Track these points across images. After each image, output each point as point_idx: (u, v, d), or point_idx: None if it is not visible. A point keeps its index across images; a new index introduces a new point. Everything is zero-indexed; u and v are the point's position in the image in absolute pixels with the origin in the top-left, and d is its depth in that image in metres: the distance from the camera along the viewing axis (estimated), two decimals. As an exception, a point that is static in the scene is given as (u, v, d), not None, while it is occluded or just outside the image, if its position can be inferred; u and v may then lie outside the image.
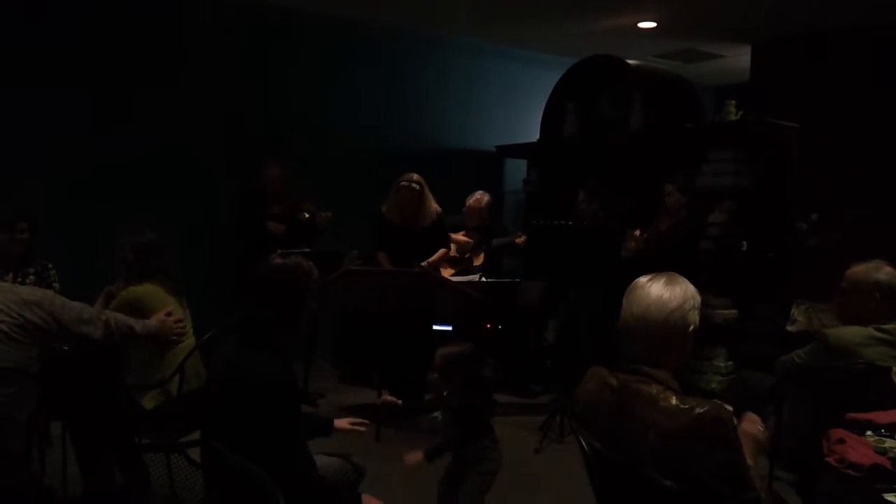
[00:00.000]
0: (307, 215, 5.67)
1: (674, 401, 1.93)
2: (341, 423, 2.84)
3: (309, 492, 2.36)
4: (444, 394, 3.18)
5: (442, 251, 5.45)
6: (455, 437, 3.10)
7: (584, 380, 2.17)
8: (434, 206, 5.35)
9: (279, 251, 2.75)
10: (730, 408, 1.98)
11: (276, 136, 6.42)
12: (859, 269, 3.17)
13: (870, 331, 3.02)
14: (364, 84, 6.97)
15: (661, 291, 2.03)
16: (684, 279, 2.08)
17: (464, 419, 3.09)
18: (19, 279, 4.07)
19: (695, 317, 2.04)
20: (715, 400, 2.07)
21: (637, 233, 5.28)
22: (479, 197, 5.95)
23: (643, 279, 2.09)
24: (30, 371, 2.96)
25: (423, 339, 5.21)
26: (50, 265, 4.20)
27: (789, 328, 4.34)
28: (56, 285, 4.18)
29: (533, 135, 7.27)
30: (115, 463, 3.43)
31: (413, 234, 5.27)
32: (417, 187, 5.22)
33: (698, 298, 2.06)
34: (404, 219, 5.28)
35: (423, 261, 5.23)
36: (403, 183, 5.23)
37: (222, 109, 6.17)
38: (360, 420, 2.88)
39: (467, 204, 5.95)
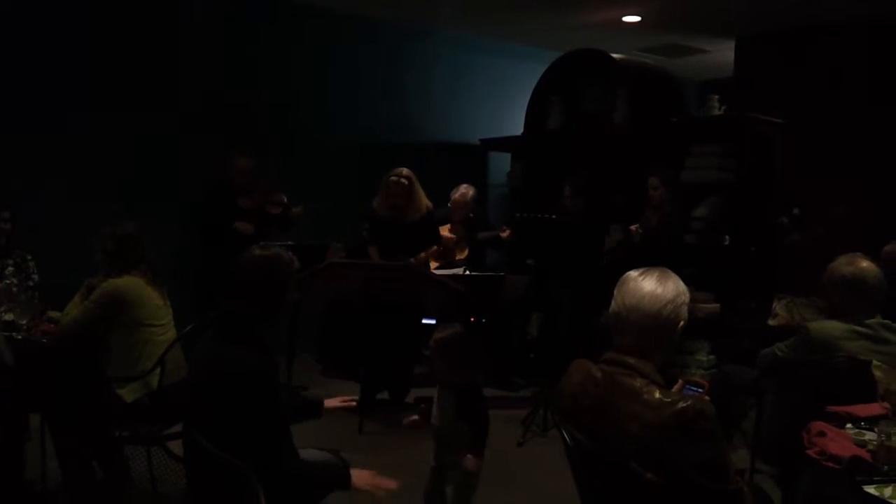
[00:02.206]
0: (275, 209, 5.61)
1: (657, 394, 1.94)
2: (332, 402, 2.80)
3: (291, 484, 2.35)
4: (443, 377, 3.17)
5: (434, 248, 5.44)
6: (461, 412, 3.07)
7: (568, 372, 2.17)
8: (425, 200, 5.33)
9: (260, 243, 2.72)
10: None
11: (261, 129, 6.37)
12: (839, 264, 3.20)
13: (851, 325, 3.04)
14: (349, 76, 6.93)
15: (655, 286, 2.04)
16: (675, 275, 2.09)
17: (466, 396, 3.08)
18: None
19: (685, 312, 2.07)
20: (698, 392, 2.08)
21: (634, 227, 5.29)
22: (465, 191, 5.95)
23: (634, 273, 2.10)
24: None
25: (407, 333, 5.21)
26: (29, 257, 4.18)
27: (771, 322, 4.37)
28: (35, 276, 4.14)
29: (517, 128, 7.26)
30: (94, 456, 3.41)
31: (403, 228, 5.25)
32: (406, 182, 5.20)
33: (688, 295, 2.08)
34: (394, 213, 5.26)
35: (413, 255, 5.22)
36: (392, 177, 5.21)
37: (210, 102, 6.11)
38: (350, 397, 2.85)
39: (452, 198, 5.94)
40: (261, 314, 2.45)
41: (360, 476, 2.52)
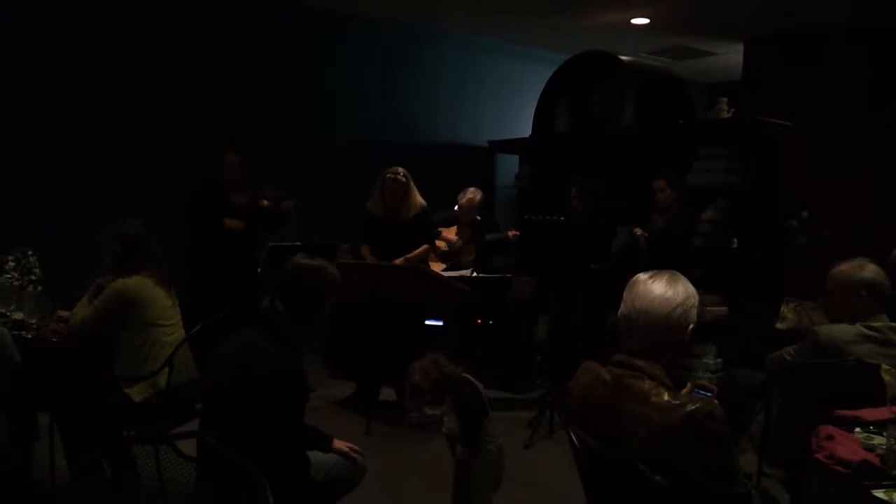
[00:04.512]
0: (265, 202, 5.61)
1: (666, 397, 1.93)
2: (340, 444, 2.82)
3: (299, 486, 2.37)
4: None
5: (425, 247, 5.44)
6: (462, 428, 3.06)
7: (576, 374, 2.17)
8: (419, 199, 5.36)
9: (301, 253, 2.75)
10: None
11: (268, 130, 6.38)
12: (844, 269, 3.18)
13: (859, 328, 3.03)
14: (357, 77, 6.94)
15: (665, 289, 2.04)
16: (684, 278, 2.09)
17: (456, 392, 3.07)
18: None
19: (694, 315, 2.06)
20: (709, 397, 2.08)
21: (638, 231, 5.28)
22: (472, 196, 5.96)
23: (644, 275, 2.09)
24: None
25: (414, 334, 5.21)
26: (30, 252, 4.14)
27: (779, 325, 4.35)
28: (37, 271, 4.13)
29: (525, 130, 7.27)
30: (103, 456, 3.42)
31: (396, 226, 5.27)
32: (403, 179, 5.26)
33: (697, 298, 2.08)
34: (388, 211, 5.29)
35: (406, 253, 5.22)
36: (389, 175, 5.26)
37: (215, 104, 6.12)
38: (357, 449, 2.86)
39: (459, 203, 5.96)
40: (296, 319, 2.52)
41: (340, 443, 2.77)
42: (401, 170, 5.29)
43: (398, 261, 5.18)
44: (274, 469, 2.16)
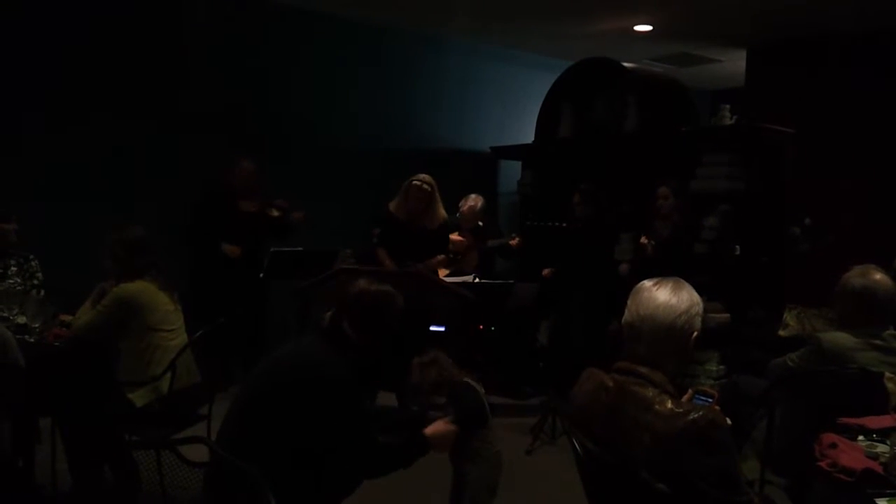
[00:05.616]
0: (276, 213, 5.62)
1: (669, 404, 1.93)
2: (439, 426, 2.75)
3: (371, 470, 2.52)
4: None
5: (441, 257, 5.45)
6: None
7: (580, 381, 2.17)
8: (442, 212, 5.37)
9: (367, 279, 2.75)
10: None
11: (270, 135, 6.39)
12: (845, 274, 3.18)
13: (862, 336, 3.03)
14: (360, 84, 6.95)
15: (669, 296, 2.04)
16: (689, 285, 2.09)
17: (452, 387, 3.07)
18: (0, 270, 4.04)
19: (698, 323, 2.07)
20: (708, 402, 2.08)
21: (644, 240, 5.28)
22: (473, 203, 5.97)
23: (648, 283, 2.10)
24: None
25: (416, 339, 5.20)
26: (31, 257, 4.16)
27: (781, 333, 4.35)
28: (39, 275, 4.14)
29: (528, 136, 7.27)
30: (104, 460, 3.42)
31: (416, 234, 5.26)
32: (428, 188, 5.24)
33: (702, 305, 2.08)
34: (410, 218, 5.28)
35: (421, 262, 5.23)
36: (415, 182, 5.25)
37: (218, 108, 6.12)
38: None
39: (461, 210, 5.97)
40: (363, 345, 2.55)
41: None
42: (427, 177, 5.28)
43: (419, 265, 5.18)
44: (300, 480, 2.16)
